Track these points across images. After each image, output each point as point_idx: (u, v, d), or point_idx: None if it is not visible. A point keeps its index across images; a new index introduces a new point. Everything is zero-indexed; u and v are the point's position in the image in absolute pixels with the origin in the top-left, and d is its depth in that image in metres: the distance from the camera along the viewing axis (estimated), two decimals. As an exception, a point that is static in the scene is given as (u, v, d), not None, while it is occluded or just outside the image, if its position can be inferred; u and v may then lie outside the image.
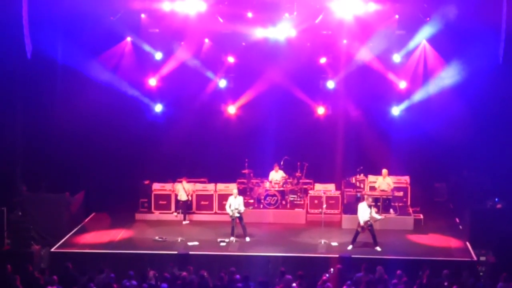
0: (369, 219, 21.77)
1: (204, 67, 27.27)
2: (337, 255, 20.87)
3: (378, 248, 21.81)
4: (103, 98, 26.02)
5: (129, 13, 25.51)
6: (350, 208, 24.17)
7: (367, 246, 22.03)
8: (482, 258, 21.07)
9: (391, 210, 24.38)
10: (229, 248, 22.18)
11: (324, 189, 25.50)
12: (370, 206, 21.85)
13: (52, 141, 25.41)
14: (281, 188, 25.28)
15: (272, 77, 26.79)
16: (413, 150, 26.56)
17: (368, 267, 19.07)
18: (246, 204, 23.93)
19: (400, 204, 24.88)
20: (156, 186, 25.62)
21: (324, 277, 18.55)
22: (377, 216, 22.12)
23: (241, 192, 24.42)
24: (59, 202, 23.59)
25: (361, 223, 21.87)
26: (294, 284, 17.91)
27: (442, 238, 23.24)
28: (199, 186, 25.65)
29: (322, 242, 22.43)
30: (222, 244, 22.41)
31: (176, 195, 25.25)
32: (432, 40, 26.06)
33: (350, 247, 21.98)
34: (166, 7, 25.21)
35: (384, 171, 24.94)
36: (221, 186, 25.51)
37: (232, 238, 22.51)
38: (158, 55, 27.02)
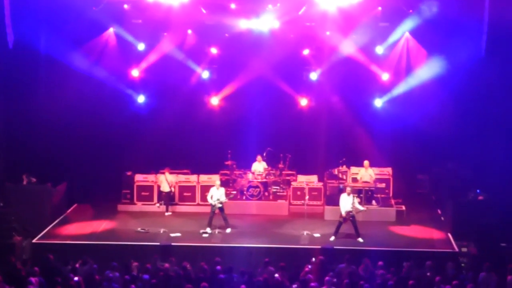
0: (351, 209, 21.83)
1: (187, 58, 27.15)
2: (320, 246, 20.95)
3: (360, 239, 21.88)
4: (86, 88, 25.93)
5: (112, 3, 25.41)
6: (333, 200, 24.16)
7: (349, 237, 22.07)
8: (464, 250, 21.13)
9: (374, 202, 24.45)
10: (211, 239, 22.17)
11: (307, 180, 25.51)
12: (352, 197, 21.91)
13: (34, 132, 25.28)
14: (264, 180, 25.27)
15: (255, 68, 26.71)
16: (396, 141, 26.60)
17: (351, 258, 19.11)
18: (228, 194, 23.91)
19: (383, 196, 24.93)
20: (138, 177, 25.55)
21: (307, 268, 18.59)
22: (360, 207, 22.18)
23: (224, 184, 24.40)
24: (41, 193, 23.47)
25: (343, 213, 21.93)
26: (276, 275, 17.92)
27: (424, 229, 23.33)
28: (181, 177, 25.59)
29: (305, 233, 22.46)
30: (204, 235, 22.38)
31: (158, 186, 25.19)
32: (415, 32, 26.09)
33: (332, 238, 22.03)
34: (149, -3, 25.17)
35: (366, 162, 25.01)
36: (204, 178, 25.48)
37: (208, 229, 22.45)
38: (141, 46, 26.88)
